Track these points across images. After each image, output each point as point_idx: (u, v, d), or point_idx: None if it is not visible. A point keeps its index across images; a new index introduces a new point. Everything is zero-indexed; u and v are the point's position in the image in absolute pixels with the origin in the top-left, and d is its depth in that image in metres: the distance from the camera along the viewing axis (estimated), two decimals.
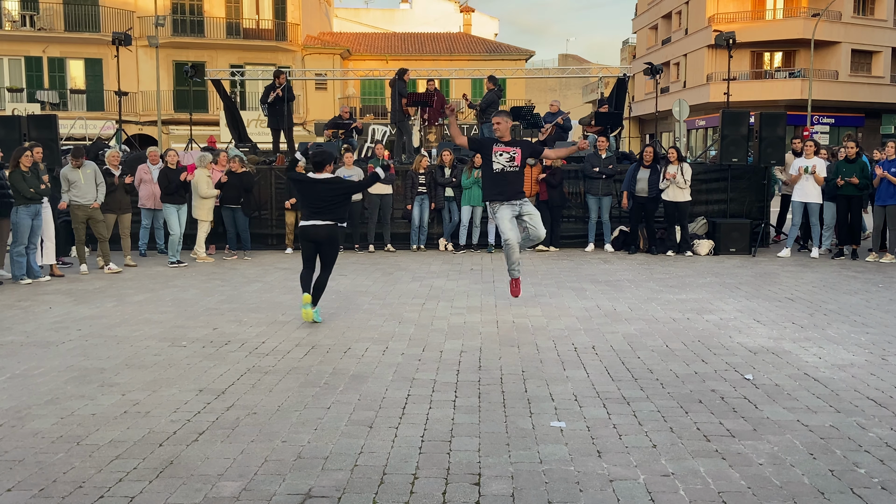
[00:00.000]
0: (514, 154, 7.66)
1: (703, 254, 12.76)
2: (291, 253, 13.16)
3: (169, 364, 6.06)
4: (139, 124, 35.12)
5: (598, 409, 4.90)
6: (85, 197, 10.93)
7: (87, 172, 10.99)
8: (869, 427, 4.57)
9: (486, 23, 57.84)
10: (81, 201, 10.92)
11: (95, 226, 11.12)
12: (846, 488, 3.73)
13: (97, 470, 3.98)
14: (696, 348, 6.50)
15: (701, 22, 41.54)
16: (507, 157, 7.63)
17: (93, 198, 11.02)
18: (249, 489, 3.75)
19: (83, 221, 11.06)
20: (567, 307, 8.33)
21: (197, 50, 35.75)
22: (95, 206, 11.05)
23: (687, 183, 12.63)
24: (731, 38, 15.86)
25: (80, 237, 11.18)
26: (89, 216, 11.05)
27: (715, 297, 8.94)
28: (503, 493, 3.69)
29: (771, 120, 13.10)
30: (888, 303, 8.49)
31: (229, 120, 18.42)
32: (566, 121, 16.72)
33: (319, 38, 39.99)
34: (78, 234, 11.17)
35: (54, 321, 7.69)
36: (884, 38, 40.33)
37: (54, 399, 5.15)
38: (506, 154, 7.63)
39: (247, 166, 12.97)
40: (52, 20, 34.90)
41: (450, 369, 5.87)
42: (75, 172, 10.87)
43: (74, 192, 10.88)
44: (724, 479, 3.84)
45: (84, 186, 10.91)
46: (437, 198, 13.40)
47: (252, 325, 7.47)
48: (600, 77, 24.10)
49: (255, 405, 5.01)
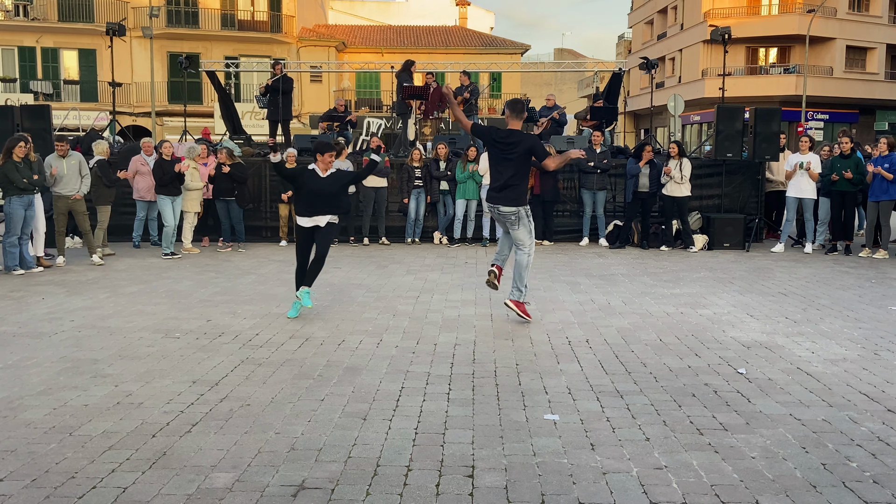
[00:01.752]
0: None
1: (697, 248, 12.78)
2: (286, 245, 13.14)
3: (162, 355, 6.04)
4: (133, 115, 34.98)
5: (592, 403, 4.90)
6: (67, 187, 10.83)
7: (72, 163, 10.89)
8: (861, 421, 4.58)
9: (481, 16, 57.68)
10: (63, 192, 10.83)
11: (78, 217, 11.06)
12: (838, 482, 3.74)
13: (90, 461, 3.97)
14: (690, 342, 6.52)
15: (696, 17, 41.55)
16: None
17: (75, 189, 10.91)
18: (243, 480, 3.74)
19: (64, 212, 10.97)
20: (561, 301, 8.33)
21: (192, 41, 35.61)
22: (77, 197, 10.93)
23: (685, 178, 12.64)
24: (726, 34, 15.87)
25: (60, 228, 11.05)
26: (71, 207, 10.97)
27: (709, 291, 8.95)
28: (497, 485, 3.70)
29: (765, 115, 13.12)
30: (881, 298, 8.52)
31: (224, 112, 18.35)
32: (562, 115, 16.71)
33: (315, 30, 39.87)
34: (58, 224, 11.03)
35: (47, 312, 7.67)
36: (878, 35, 40.40)
37: (47, 390, 5.14)
38: None
39: (236, 158, 12.92)
40: (45, 10, 34.71)
41: (444, 362, 5.87)
42: (60, 161, 10.77)
43: (56, 182, 10.77)
44: (716, 472, 3.85)
45: (67, 176, 10.81)
46: (433, 191, 13.40)
47: (246, 317, 7.45)
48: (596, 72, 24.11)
49: (248, 397, 5.00)
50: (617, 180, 13.88)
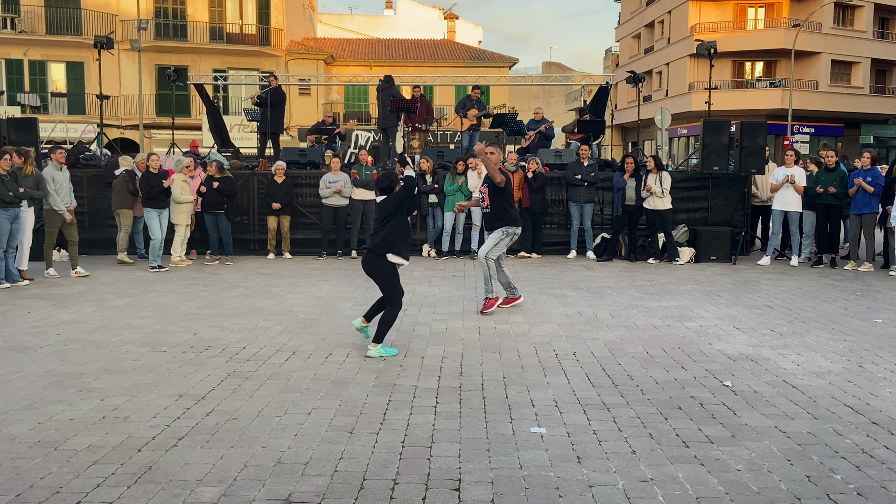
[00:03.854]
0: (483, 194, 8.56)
1: (683, 261, 12.83)
2: (273, 258, 13.14)
3: (148, 369, 6.02)
4: (121, 128, 34.92)
5: (579, 415, 4.91)
6: (64, 200, 10.92)
7: (66, 175, 11.01)
8: (845, 434, 4.61)
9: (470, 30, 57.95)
10: (59, 207, 10.87)
11: (68, 229, 11.11)
12: (822, 494, 3.76)
13: (75, 475, 3.95)
14: (676, 355, 6.54)
15: (683, 31, 41.87)
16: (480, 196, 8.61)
17: (69, 202, 11.06)
18: (229, 495, 3.73)
19: (57, 225, 11.02)
20: (549, 313, 8.35)
21: (180, 54, 35.59)
22: (71, 208, 11.12)
23: (665, 192, 12.70)
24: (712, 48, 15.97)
25: (50, 241, 11.09)
26: (64, 220, 11.02)
27: (695, 304, 8.99)
28: (483, 498, 3.70)
29: (751, 129, 13.21)
30: (866, 311, 8.58)
31: (212, 124, 18.34)
32: (549, 129, 16.78)
33: (303, 43, 39.94)
34: (50, 237, 11.08)
35: (33, 326, 7.62)
36: (863, 49, 40.83)
37: (32, 404, 5.11)
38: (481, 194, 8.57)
39: (226, 172, 12.92)
40: (33, 23, 34.65)
41: (431, 375, 5.87)
42: (60, 173, 10.85)
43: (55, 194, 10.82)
44: (702, 484, 3.87)
45: (65, 189, 10.91)
46: (421, 204, 13.42)
47: (233, 331, 7.44)
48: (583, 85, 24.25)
49: (235, 410, 4.99)
50: (604, 193, 13.94)
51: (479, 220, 13.22)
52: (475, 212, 13.19)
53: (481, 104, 16.85)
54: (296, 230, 13.81)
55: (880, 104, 41.50)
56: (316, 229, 13.75)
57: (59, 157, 11.00)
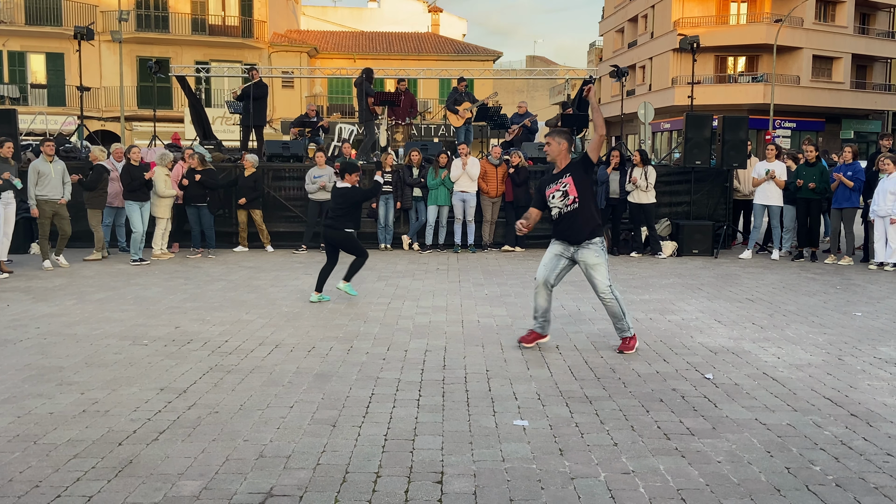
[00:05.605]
0: (566, 188, 6.33)
1: (666, 255, 12.90)
2: (246, 251, 13.16)
3: (129, 363, 5.98)
4: (102, 120, 34.61)
5: (561, 408, 4.93)
6: (53, 192, 10.83)
7: (58, 168, 10.94)
8: (825, 425, 4.65)
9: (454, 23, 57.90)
10: (49, 196, 10.79)
11: (60, 222, 11.01)
12: (802, 485, 3.80)
13: (54, 469, 3.92)
14: (658, 348, 6.58)
15: (666, 26, 42.01)
16: (559, 195, 6.38)
17: (60, 194, 10.94)
18: (210, 488, 3.71)
19: (49, 217, 10.92)
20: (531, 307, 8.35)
21: (161, 46, 35.31)
22: (63, 202, 11.01)
23: (650, 186, 12.75)
24: (695, 43, 16.05)
25: (44, 233, 11.02)
26: (55, 212, 10.92)
27: (677, 297, 9.04)
28: (465, 491, 3.70)
29: (734, 123, 13.27)
30: (845, 304, 8.66)
31: (194, 117, 18.22)
32: (533, 122, 16.81)
33: (286, 35, 39.72)
34: (42, 229, 11.00)
35: (12, 319, 7.55)
36: (844, 45, 41.15)
37: (11, 398, 5.06)
38: (558, 192, 6.38)
39: (208, 164, 12.84)
40: (12, 13, 34.26)
41: (414, 368, 5.87)
42: (47, 165, 10.77)
43: (41, 186, 10.74)
44: (683, 476, 3.89)
45: (53, 181, 10.82)
46: (405, 198, 13.39)
47: (215, 324, 7.40)
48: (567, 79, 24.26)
49: (216, 404, 4.97)
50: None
51: (461, 213, 13.19)
52: (457, 206, 13.16)
53: (471, 95, 16.84)
54: (278, 223, 13.77)
55: (861, 99, 41.88)
56: (300, 223, 13.70)
57: (47, 149, 10.93)
